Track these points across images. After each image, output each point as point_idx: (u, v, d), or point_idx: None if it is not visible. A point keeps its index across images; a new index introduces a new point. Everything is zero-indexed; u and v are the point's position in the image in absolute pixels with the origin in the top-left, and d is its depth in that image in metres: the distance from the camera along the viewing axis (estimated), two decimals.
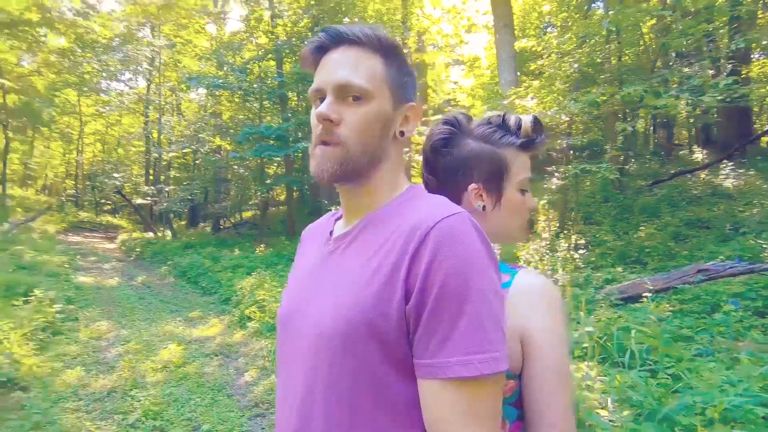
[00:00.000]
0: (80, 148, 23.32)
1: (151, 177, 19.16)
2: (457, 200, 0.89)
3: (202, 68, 14.54)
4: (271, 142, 10.49)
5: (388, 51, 0.75)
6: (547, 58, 7.41)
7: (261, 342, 5.08)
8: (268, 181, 12.91)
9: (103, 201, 22.56)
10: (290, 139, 10.20)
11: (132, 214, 19.52)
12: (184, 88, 16.05)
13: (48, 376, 3.81)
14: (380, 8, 10.68)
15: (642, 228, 6.97)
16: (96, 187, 20.03)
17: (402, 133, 0.77)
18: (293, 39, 11.24)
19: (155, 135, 17.16)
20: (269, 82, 11.76)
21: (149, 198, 15.97)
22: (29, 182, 22.83)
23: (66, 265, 8.38)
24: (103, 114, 21.55)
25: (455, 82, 14.94)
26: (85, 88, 19.55)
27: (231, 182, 17.05)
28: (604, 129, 9.19)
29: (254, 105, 12.92)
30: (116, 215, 22.48)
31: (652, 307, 3.96)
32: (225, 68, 11.22)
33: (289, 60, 12.41)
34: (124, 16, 17.67)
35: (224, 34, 16.13)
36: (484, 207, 0.87)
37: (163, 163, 18.67)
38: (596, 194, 9.36)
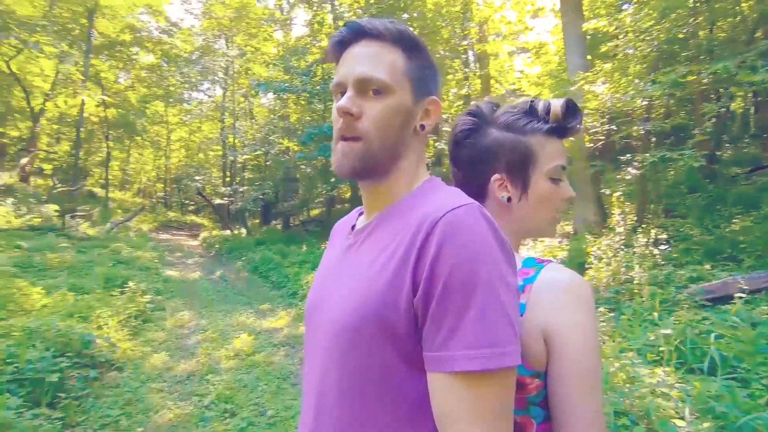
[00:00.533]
0: (168, 154, 25.65)
1: (228, 179, 20.60)
2: (482, 192, 0.86)
3: (270, 74, 15.31)
4: None
5: (410, 45, 0.74)
6: (623, 37, 6.84)
7: None
8: (333, 180, 13.33)
9: (187, 202, 24.67)
10: None
11: (212, 214, 21.08)
12: (254, 94, 17.00)
13: (139, 359, 4.26)
14: (439, 0, 10.53)
15: (736, 221, 6.21)
16: (181, 189, 21.93)
17: (423, 127, 0.76)
18: None
19: (231, 139, 18.37)
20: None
21: (226, 198, 17.16)
22: (127, 186, 25.58)
23: (156, 260, 9.28)
24: (186, 122, 23.52)
25: (521, 71, 14.34)
26: (171, 99, 21.45)
27: (299, 182, 17.83)
28: (691, 112, 8.31)
29: (318, 106, 13.37)
30: (199, 214, 24.44)
31: (745, 309, 3.53)
32: (291, 72, 11.73)
33: None
34: (201, 31, 19.12)
35: (290, 40, 16.87)
36: (509, 198, 0.84)
37: (238, 166, 19.97)
38: (682, 184, 8.49)
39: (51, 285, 5.37)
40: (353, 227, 0.84)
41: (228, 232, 16.71)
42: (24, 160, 13.65)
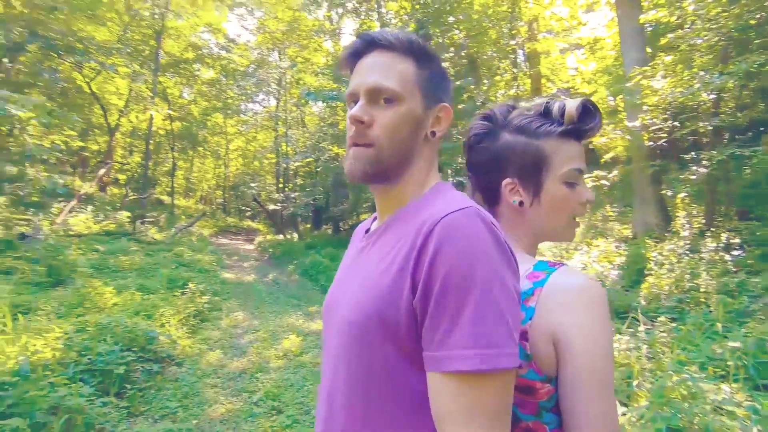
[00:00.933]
0: (226, 163, 27.14)
1: (281, 185, 21.43)
2: (496, 196, 0.86)
3: (319, 83, 15.79)
4: None
5: (420, 54, 0.77)
6: (688, 27, 6.38)
7: None
8: None
9: (244, 208, 25.92)
10: None
11: (266, 219, 21.98)
12: (304, 103, 17.60)
13: (196, 355, 4.54)
14: (486, 1, 10.37)
15: None
16: (238, 196, 23.07)
17: (434, 134, 0.79)
18: None
19: (283, 147, 19.11)
20: None
21: (279, 204, 17.85)
22: (190, 194, 27.31)
23: (214, 263, 9.84)
24: (243, 132, 24.77)
25: (575, 68, 13.76)
26: (229, 111, 22.66)
27: (348, 187, 18.21)
28: None
29: None
30: (255, 220, 25.59)
31: None
32: (339, 81, 12.03)
33: None
34: (256, 45, 20.09)
35: (339, 49, 17.33)
36: (521, 202, 0.83)
37: (291, 172, 20.72)
38: (761, 183, 7.73)
39: (122, 285, 5.86)
40: (368, 230, 0.87)
41: (281, 236, 17.37)
42: (101, 172, 15.01)
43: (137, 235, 10.94)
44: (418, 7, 10.32)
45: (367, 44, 0.77)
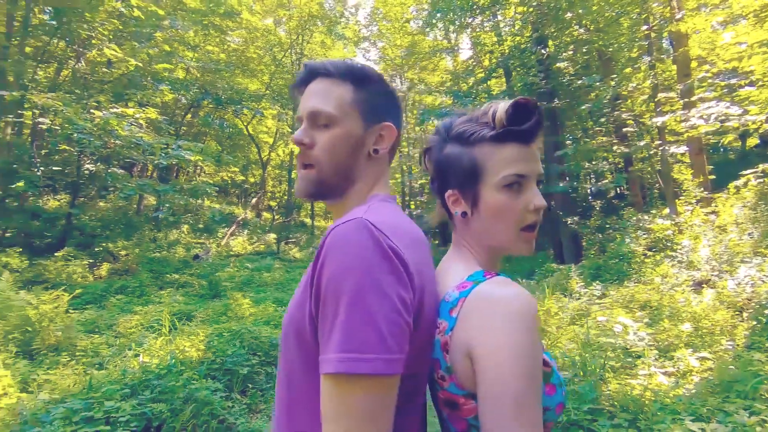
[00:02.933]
0: None
1: (406, 203, 22.20)
2: (446, 209, 0.85)
3: (438, 100, 16.08)
4: None
5: (359, 78, 0.83)
6: None
7: None
8: None
9: None
10: None
11: None
12: (421, 122, 18.10)
13: None
14: None
15: None
16: None
17: (376, 151, 0.83)
18: (515, 51, 11.15)
19: (405, 167, 19.86)
20: (499, 99, 11.93)
21: None
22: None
23: None
24: None
25: (739, 43, 11.38)
26: None
27: None
28: None
29: None
30: None
31: None
32: (455, 97, 12.11)
33: (519, 72, 12.31)
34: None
35: (458, 65, 17.46)
36: (464, 213, 0.80)
37: (415, 190, 21.36)
38: None
39: (261, 298, 6.76)
40: None
41: None
42: (254, 200, 17.51)
43: (281, 254, 12.47)
44: (531, 10, 9.86)
45: (309, 73, 0.85)
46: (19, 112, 8.65)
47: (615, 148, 8.90)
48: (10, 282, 5.37)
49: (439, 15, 13.65)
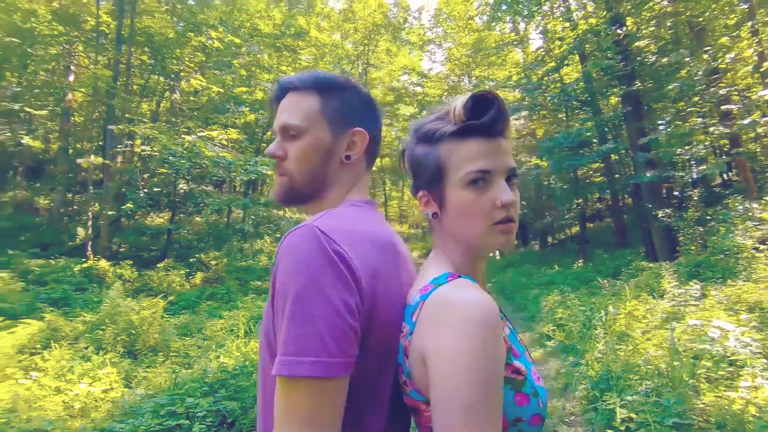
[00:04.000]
0: None
1: None
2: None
3: (511, 94, 15.50)
4: (586, 150, 9.82)
5: (326, 88, 0.85)
6: None
7: (556, 362, 4.84)
8: (586, 193, 12.12)
9: None
10: (596, 141, 9.31)
11: None
12: None
13: None
14: None
15: None
16: None
17: (348, 157, 0.84)
18: (589, 35, 10.38)
19: None
20: (571, 88, 11.22)
21: None
22: (403, 220, 30.31)
23: None
24: None
25: None
26: None
27: (554, 199, 17.03)
28: None
29: (560, 116, 12.59)
30: None
31: None
32: (522, 90, 11.59)
33: (595, 56, 11.44)
34: (444, 75, 21.22)
35: (528, 57, 16.70)
36: (434, 214, 0.77)
37: None
38: None
39: None
40: None
41: None
42: None
43: None
44: None
45: (281, 90, 0.89)
46: (127, 142, 9.96)
47: (713, 129, 7.85)
48: (120, 291, 6.17)
49: (504, 7, 13.19)
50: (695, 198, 8.47)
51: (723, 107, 8.02)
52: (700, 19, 8.05)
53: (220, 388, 3.21)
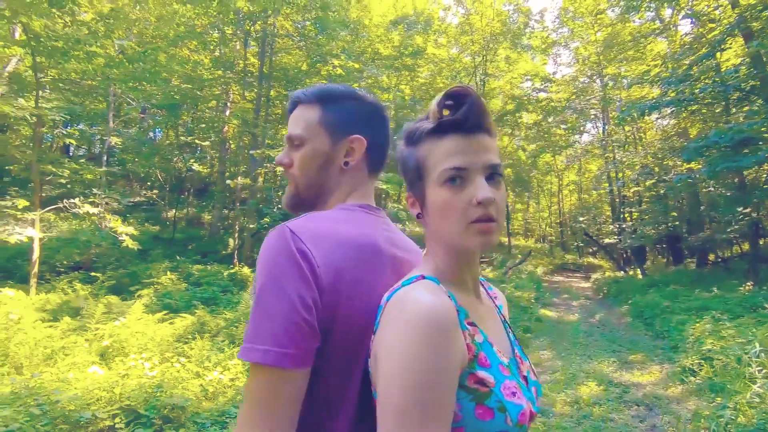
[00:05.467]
0: (561, 199, 26.91)
1: (623, 215, 19.23)
2: None
3: (649, 90, 13.66)
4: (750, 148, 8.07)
5: (325, 99, 0.92)
6: None
7: (701, 401, 4.05)
8: (755, 200, 9.90)
9: (582, 244, 24.65)
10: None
11: (605, 254, 20.07)
12: (617, 122, 15.56)
13: None
14: None
15: None
16: (574, 232, 22.25)
17: (347, 164, 0.89)
18: (754, 10, 8.62)
19: (612, 173, 17.34)
20: (731, 76, 9.38)
21: (616, 237, 16.05)
22: (529, 233, 28.58)
23: (533, 300, 9.92)
24: (569, 165, 24.10)
25: None
26: (556, 148, 22.78)
27: (720, 210, 14.31)
28: None
29: (716, 110, 10.60)
30: (596, 256, 23.80)
31: None
32: (664, 84, 10.07)
33: (766, 32, 9.39)
34: (572, 77, 19.60)
35: (675, 45, 14.49)
36: (419, 215, 0.77)
37: (630, 199, 18.32)
38: None
39: None
40: None
41: (621, 273, 15.39)
42: None
43: None
44: None
45: (292, 104, 0.97)
46: (267, 164, 11.42)
47: None
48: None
49: None
50: None
51: None
52: None
53: None
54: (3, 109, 6.24)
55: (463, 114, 0.69)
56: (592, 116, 20.09)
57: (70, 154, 19.48)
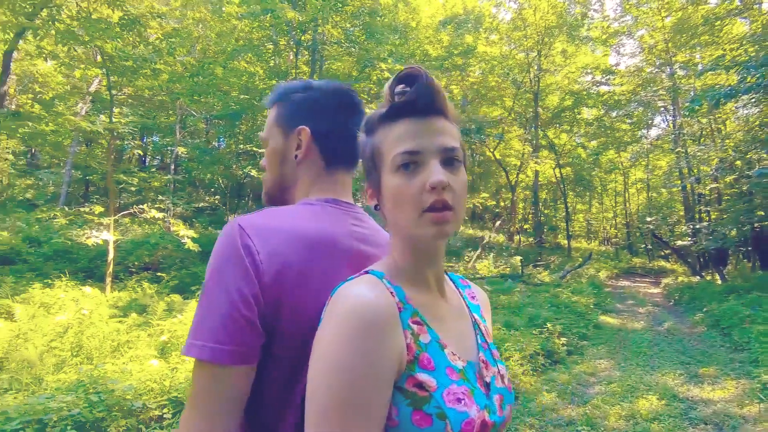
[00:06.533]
0: (627, 199, 25.14)
1: (698, 215, 17.58)
2: None
3: (725, 77, 12.42)
4: None
5: (280, 97, 0.93)
6: None
7: None
8: None
9: (651, 247, 22.83)
10: None
11: (678, 257, 18.44)
12: (688, 113, 14.18)
13: (531, 393, 4.59)
14: None
15: None
16: (642, 234, 20.68)
17: (296, 156, 0.89)
18: None
19: (685, 170, 15.91)
20: None
21: (689, 239, 14.71)
22: (591, 236, 26.96)
23: (592, 306, 9.32)
24: (635, 162, 22.43)
25: None
26: (621, 144, 21.32)
27: None
28: None
29: None
30: (669, 259, 21.93)
31: None
32: (740, 72, 9.07)
33: None
34: (637, 67, 18.27)
35: (759, 25, 13.03)
36: (376, 207, 0.73)
37: (708, 197, 16.71)
38: None
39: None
40: None
41: (696, 278, 14.06)
42: (497, 223, 17.59)
43: (524, 277, 12.02)
44: None
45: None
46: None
47: None
48: None
49: None
50: None
51: None
52: None
53: None
54: (81, 124, 6.93)
55: (411, 95, 0.65)
56: (661, 108, 18.55)
57: (146, 163, 21.30)
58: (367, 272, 0.67)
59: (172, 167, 12.24)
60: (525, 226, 23.80)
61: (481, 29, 17.80)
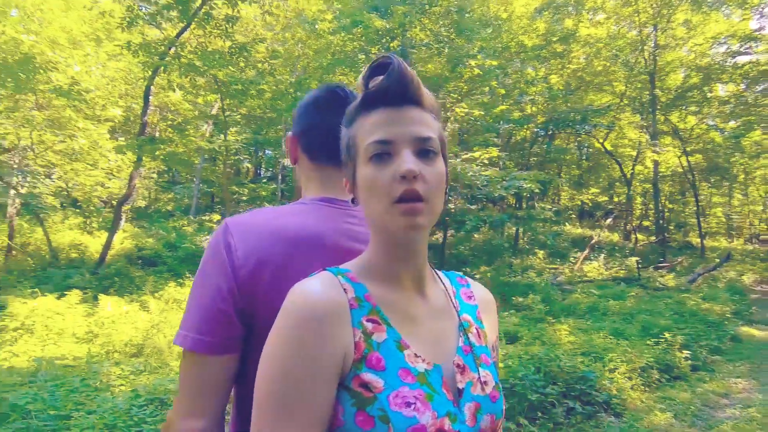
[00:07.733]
0: None
1: None
2: None
3: None
4: None
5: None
6: None
7: None
8: None
9: None
10: None
11: None
12: None
13: (643, 411, 4.06)
14: None
15: None
16: None
17: (294, 162, 0.96)
18: None
19: None
20: None
21: None
22: (733, 233, 22.90)
23: (730, 315, 7.92)
24: None
25: None
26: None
27: None
28: None
29: None
30: None
31: None
32: None
33: None
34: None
35: None
36: (353, 200, 0.72)
37: None
38: None
39: (594, 326, 6.13)
40: None
41: None
42: (608, 220, 15.91)
43: (643, 281, 10.71)
44: None
45: None
46: None
47: None
48: None
49: None
50: None
51: None
52: None
53: None
54: (201, 144, 7.96)
55: (383, 84, 0.64)
56: None
57: (260, 175, 23.61)
58: (324, 269, 0.67)
59: (280, 177, 13.39)
60: (645, 224, 21.18)
61: (583, 11, 16.34)
